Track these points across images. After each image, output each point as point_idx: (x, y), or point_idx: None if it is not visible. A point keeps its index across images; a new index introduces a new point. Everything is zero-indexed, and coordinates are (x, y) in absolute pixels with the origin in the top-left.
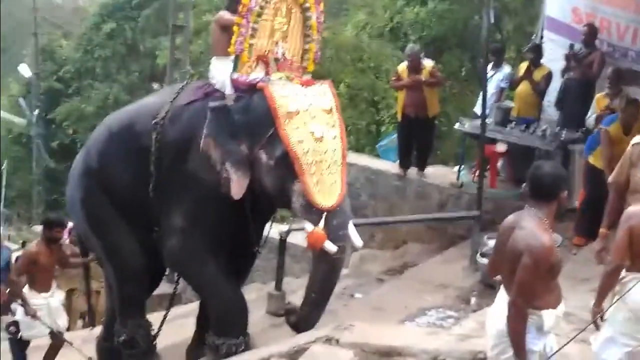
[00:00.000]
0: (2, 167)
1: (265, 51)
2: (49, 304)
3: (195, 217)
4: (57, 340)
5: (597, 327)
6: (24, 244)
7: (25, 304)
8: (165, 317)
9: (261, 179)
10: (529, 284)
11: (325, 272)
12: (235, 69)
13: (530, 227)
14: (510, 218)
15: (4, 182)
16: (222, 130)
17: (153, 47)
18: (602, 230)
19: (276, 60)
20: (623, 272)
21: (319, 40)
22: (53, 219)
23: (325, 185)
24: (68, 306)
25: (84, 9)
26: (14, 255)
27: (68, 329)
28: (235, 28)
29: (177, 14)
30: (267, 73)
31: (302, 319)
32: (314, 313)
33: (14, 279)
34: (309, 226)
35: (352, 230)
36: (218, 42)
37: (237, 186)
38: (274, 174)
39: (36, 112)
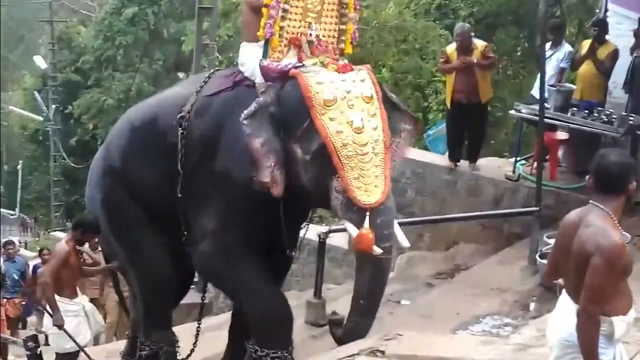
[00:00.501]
0: (18, 167)
1: (298, 34)
2: (84, 308)
3: (227, 219)
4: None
5: None
6: (41, 252)
7: (55, 311)
8: (198, 331)
9: (297, 176)
10: (601, 288)
11: (372, 276)
12: (265, 55)
13: (598, 224)
14: (573, 214)
15: (19, 184)
16: (262, 127)
17: (178, 32)
18: None
19: (310, 43)
20: None
21: (357, 20)
22: (90, 222)
23: (366, 180)
24: None
25: None
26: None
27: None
28: (264, 10)
29: None
30: (299, 58)
31: (349, 331)
32: (363, 324)
33: (47, 281)
34: (350, 227)
35: (397, 230)
36: (248, 26)
37: (278, 185)
38: (310, 169)
39: (53, 106)
